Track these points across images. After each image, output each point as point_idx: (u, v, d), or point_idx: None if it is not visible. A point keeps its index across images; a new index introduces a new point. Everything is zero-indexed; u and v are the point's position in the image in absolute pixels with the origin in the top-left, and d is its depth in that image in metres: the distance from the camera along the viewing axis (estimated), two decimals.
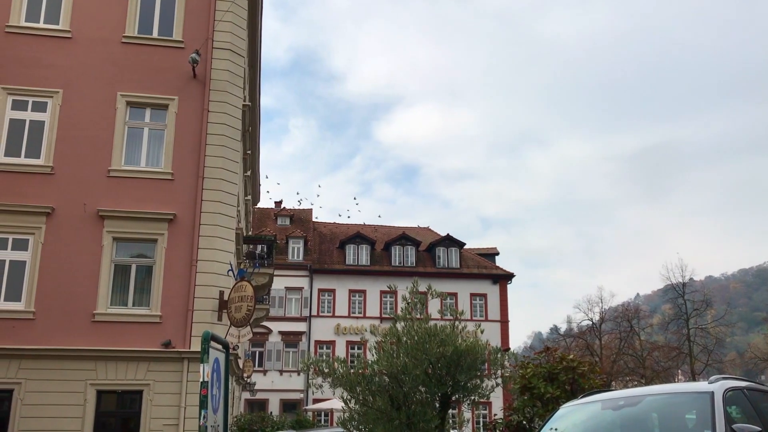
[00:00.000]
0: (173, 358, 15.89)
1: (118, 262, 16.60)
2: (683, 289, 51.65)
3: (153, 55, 18.04)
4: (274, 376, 46.78)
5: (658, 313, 69.48)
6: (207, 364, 7.78)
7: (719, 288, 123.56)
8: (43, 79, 17.25)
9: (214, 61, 18.14)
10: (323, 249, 51.52)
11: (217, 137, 17.65)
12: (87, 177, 16.77)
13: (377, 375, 11.49)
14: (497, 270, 52.75)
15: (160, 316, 16.20)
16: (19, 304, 15.83)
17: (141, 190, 16.94)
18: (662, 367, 51.91)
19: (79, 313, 15.88)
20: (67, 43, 17.72)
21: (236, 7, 18.91)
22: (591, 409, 7.02)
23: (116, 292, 16.45)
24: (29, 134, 16.95)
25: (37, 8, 17.94)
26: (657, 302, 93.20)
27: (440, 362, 11.32)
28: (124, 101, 17.52)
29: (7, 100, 17.04)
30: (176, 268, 16.54)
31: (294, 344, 47.93)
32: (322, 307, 49.15)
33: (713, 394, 5.98)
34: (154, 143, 17.53)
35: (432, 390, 11.32)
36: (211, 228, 16.96)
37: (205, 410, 7.62)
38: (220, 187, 17.36)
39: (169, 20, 18.47)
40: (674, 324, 52.81)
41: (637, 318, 55.62)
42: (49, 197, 16.47)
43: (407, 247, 51.57)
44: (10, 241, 16.17)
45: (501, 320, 50.58)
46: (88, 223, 16.48)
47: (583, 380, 12.65)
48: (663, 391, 7.19)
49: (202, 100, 17.80)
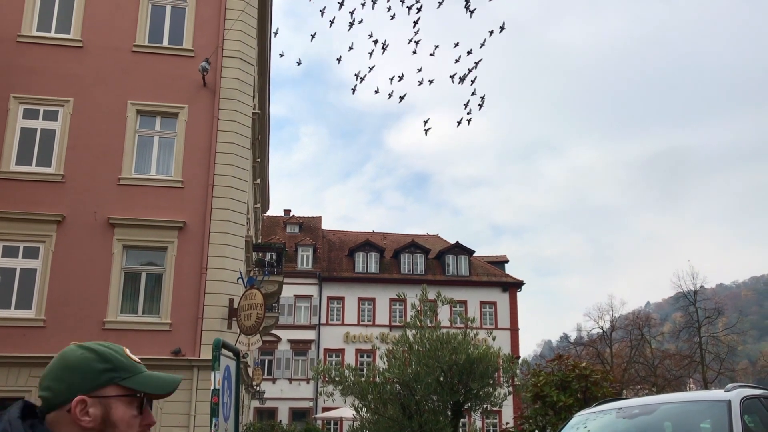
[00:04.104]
0: (183, 365, 15.85)
1: (128, 269, 16.61)
2: (695, 297, 51.21)
3: (163, 63, 18.10)
4: (283, 384, 46.68)
5: (669, 321, 68.88)
6: (218, 371, 7.73)
7: (730, 296, 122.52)
8: (54, 88, 17.32)
9: (224, 69, 18.18)
10: (332, 257, 51.47)
11: (226, 145, 17.67)
12: (97, 185, 16.81)
13: (389, 383, 11.44)
14: (507, 278, 52.54)
15: (170, 324, 16.19)
16: (30, 311, 15.85)
17: (151, 198, 16.97)
18: (674, 375, 51.46)
19: (90, 321, 15.88)
20: (78, 52, 17.80)
21: (246, 16, 18.96)
22: (606, 417, 6.95)
23: (126, 299, 16.46)
24: (40, 143, 17.01)
25: (48, 18, 18.04)
26: (668, 310, 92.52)
27: (452, 370, 11.26)
28: (135, 110, 17.58)
29: (18, 109, 17.12)
30: (186, 275, 16.54)
31: (303, 352, 47.83)
32: (332, 315, 49.06)
33: (730, 402, 5.90)
34: (165, 151, 17.56)
35: (444, 398, 11.25)
36: (220, 236, 16.96)
37: (216, 418, 7.58)
38: (229, 195, 17.37)
39: (179, 29, 18.54)
40: (685, 332, 52.37)
41: (648, 326, 55.18)
42: (59, 205, 16.51)
43: (416, 255, 51.45)
44: (21, 249, 16.21)
45: (511, 328, 50.34)
46: (99, 231, 16.50)
47: (595, 388, 12.54)
48: (678, 400, 7.12)
49: (212, 109, 17.84)
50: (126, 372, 1.71)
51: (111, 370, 1.69)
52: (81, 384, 1.65)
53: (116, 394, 1.68)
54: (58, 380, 1.66)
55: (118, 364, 1.71)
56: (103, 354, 1.72)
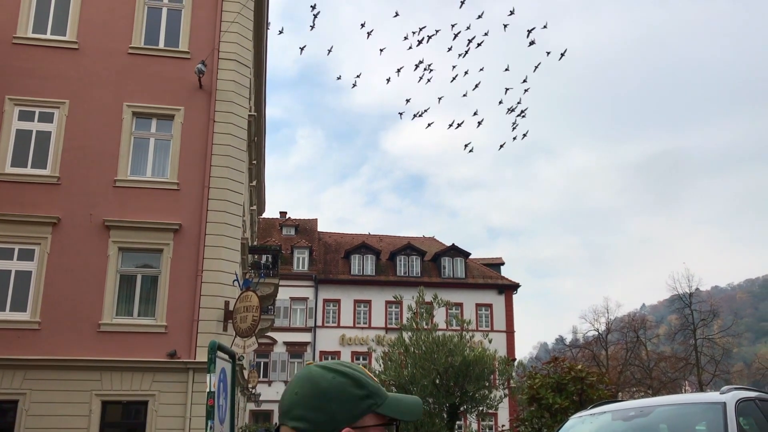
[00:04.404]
0: (178, 368, 15.83)
1: (123, 272, 16.58)
2: (690, 300, 51.32)
3: (159, 65, 18.08)
4: (279, 386, 46.55)
5: (665, 323, 69.09)
6: (214, 374, 7.71)
7: (726, 298, 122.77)
8: (49, 90, 17.29)
9: (220, 71, 18.17)
10: (328, 259, 51.43)
11: (222, 147, 17.65)
12: (93, 187, 16.78)
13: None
14: (503, 280, 52.56)
15: (165, 327, 16.15)
16: (25, 314, 15.80)
17: (147, 200, 16.94)
18: (669, 377, 51.57)
19: (85, 324, 15.85)
20: (73, 54, 17.77)
21: (242, 18, 18.96)
22: (601, 419, 6.96)
23: (122, 302, 16.42)
24: (36, 145, 16.97)
25: (44, 20, 18.01)
26: (663, 312, 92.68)
27: (448, 372, 11.26)
28: (131, 112, 17.55)
29: (14, 111, 17.08)
30: (182, 278, 16.51)
31: (299, 355, 47.76)
32: (327, 317, 49.01)
33: (725, 404, 5.92)
34: (160, 153, 17.54)
35: (440, 400, 11.25)
36: (216, 238, 16.94)
37: (211, 421, 7.55)
38: (225, 197, 17.35)
39: (175, 31, 18.52)
40: (681, 334, 52.47)
41: (643, 328, 55.29)
42: (55, 207, 16.47)
43: (412, 257, 51.44)
44: (16, 251, 16.17)
45: (506, 330, 50.33)
46: (94, 233, 16.47)
47: (591, 391, 12.56)
48: (674, 402, 7.13)
49: (208, 111, 17.82)
50: (379, 398, 1.53)
51: (367, 397, 1.50)
52: (343, 414, 1.46)
53: (374, 424, 1.50)
54: (316, 410, 1.46)
55: (372, 390, 1.52)
56: (356, 378, 1.52)
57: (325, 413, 1.45)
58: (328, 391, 1.47)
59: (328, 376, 1.50)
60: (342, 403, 1.47)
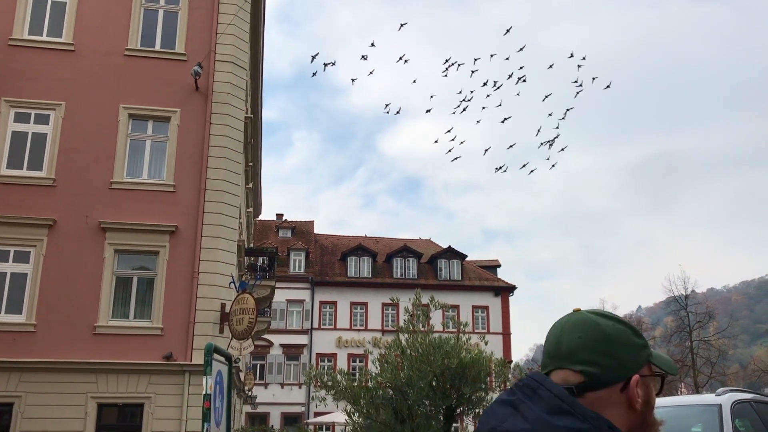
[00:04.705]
0: (174, 370, 15.80)
1: (119, 274, 16.55)
2: (686, 301, 51.41)
3: (155, 67, 18.07)
4: (275, 389, 46.54)
5: (661, 325, 69.25)
6: (210, 376, 7.72)
7: (721, 300, 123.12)
8: (45, 92, 17.27)
9: (216, 73, 18.17)
10: (325, 261, 51.41)
11: (219, 149, 17.65)
12: (89, 189, 16.75)
13: (381, 387, 11.43)
14: (499, 282, 52.60)
15: (161, 329, 16.13)
16: (20, 316, 15.76)
17: (143, 203, 16.92)
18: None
19: (81, 326, 15.81)
20: (69, 55, 17.75)
21: (239, 20, 18.96)
22: None
23: (118, 304, 16.39)
24: (31, 146, 16.95)
25: (40, 21, 17.99)
26: (659, 314, 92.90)
27: (445, 374, 11.25)
28: (127, 113, 17.53)
29: (9, 113, 17.06)
30: (178, 280, 16.49)
31: (295, 357, 47.71)
32: (324, 319, 48.97)
33: (721, 406, 5.93)
34: (156, 155, 17.52)
35: (437, 403, 11.25)
36: (212, 240, 16.92)
37: (208, 423, 7.56)
38: (221, 199, 17.33)
39: (171, 33, 18.51)
40: (677, 336, 52.55)
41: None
42: (51, 209, 16.44)
43: (409, 259, 51.44)
44: (11, 253, 16.13)
45: (503, 332, 50.37)
46: (90, 235, 16.44)
47: None
48: (669, 404, 7.12)
49: (204, 113, 17.81)
50: (650, 350, 1.53)
51: (645, 347, 1.50)
52: (630, 361, 1.46)
53: (650, 374, 1.50)
54: (605, 355, 1.43)
55: (646, 341, 1.52)
56: (634, 328, 1.52)
57: (614, 359, 1.44)
58: (614, 337, 1.46)
59: (609, 323, 1.49)
60: (627, 350, 1.46)
